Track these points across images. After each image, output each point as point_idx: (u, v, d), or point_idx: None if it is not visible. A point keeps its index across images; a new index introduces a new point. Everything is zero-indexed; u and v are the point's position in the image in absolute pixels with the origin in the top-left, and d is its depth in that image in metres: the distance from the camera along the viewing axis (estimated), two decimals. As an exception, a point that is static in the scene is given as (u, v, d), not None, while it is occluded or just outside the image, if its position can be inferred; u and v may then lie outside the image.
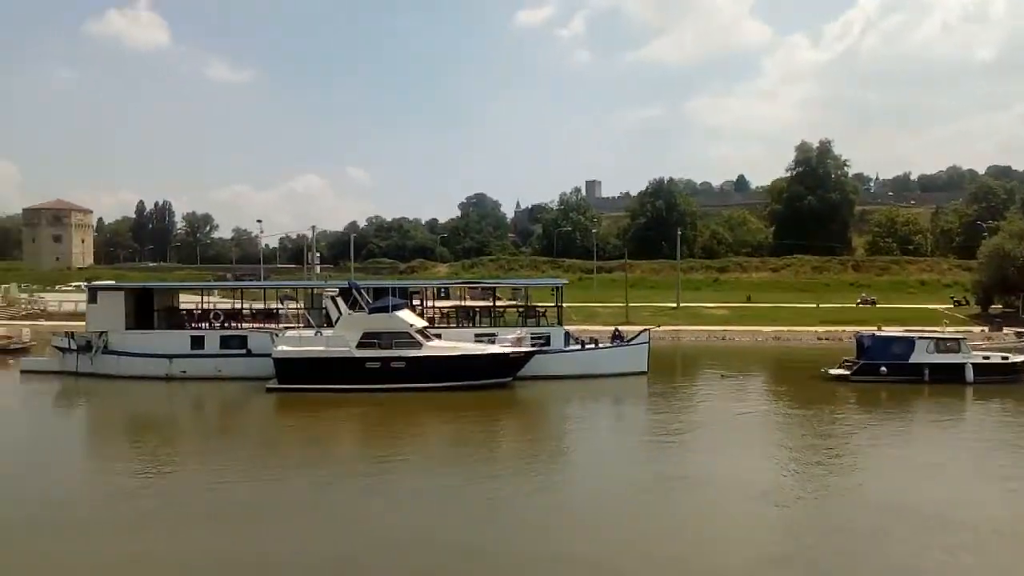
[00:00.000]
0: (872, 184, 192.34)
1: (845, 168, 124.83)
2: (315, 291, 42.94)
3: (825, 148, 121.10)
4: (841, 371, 38.64)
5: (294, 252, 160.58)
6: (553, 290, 45.05)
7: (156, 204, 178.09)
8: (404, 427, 30.59)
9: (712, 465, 23.80)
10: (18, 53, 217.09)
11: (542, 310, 42.81)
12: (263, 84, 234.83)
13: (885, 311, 67.73)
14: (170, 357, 39.18)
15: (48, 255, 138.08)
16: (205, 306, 44.44)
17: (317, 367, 35.44)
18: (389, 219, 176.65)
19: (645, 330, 41.80)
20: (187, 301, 48.14)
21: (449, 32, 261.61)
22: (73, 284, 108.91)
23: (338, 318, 36.98)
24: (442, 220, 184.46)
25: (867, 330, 44.82)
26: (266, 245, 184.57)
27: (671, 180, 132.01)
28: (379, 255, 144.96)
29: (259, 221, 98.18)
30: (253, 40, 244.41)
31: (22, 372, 42.23)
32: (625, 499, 20.64)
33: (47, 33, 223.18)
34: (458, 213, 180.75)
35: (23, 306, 74.82)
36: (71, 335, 41.67)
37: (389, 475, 23.23)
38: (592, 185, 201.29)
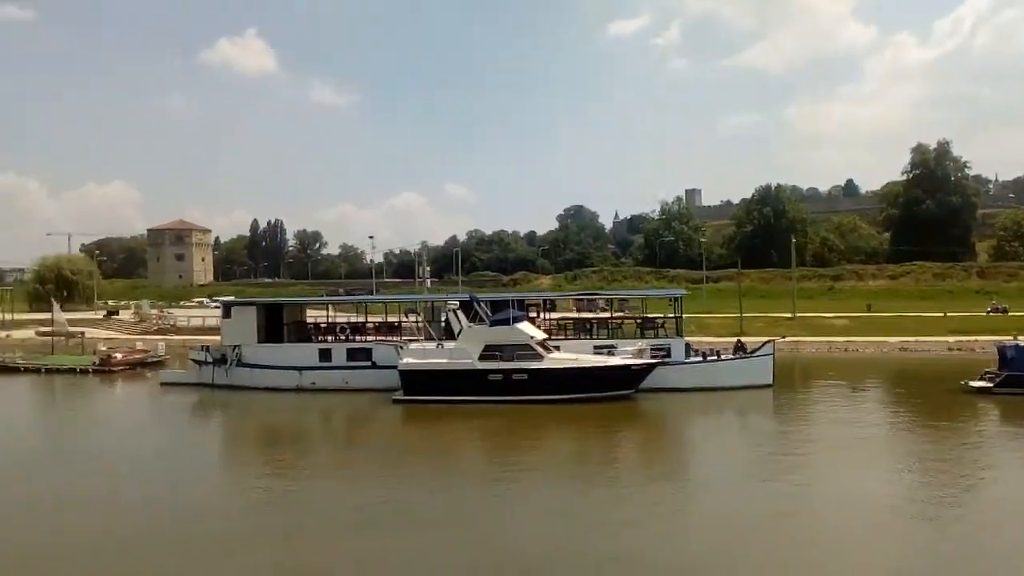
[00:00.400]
0: (991, 186, 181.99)
1: (965, 170, 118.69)
2: (436, 304, 43.86)
3: (943, 149, 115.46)
4: (983, 383, 36.60)
5: (398, 267, 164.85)
6: (671, 301, 44.52)
7: (269, 223, 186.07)
8: (528, 439, 30.68)
9: (850, 482, 22.89)
10: (138, 82, 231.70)
11: (660, 321, 42.36)
12: (364, 105, 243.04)
13: (1019, 319, 63.78)
14: (300, 369, 40.76)
15: (171, 273, 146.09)
16: (330, 320, 45.97)
17: (441, 379, 36.14)
18: (488, 233, 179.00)
19: (769, 341, 40.71)
20: (313, 315, 49.98)
21: (543, 45, 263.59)
22: (196, 300, 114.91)
23: (460, 331, 37.62)
24: (540, 232, 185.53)
25: (1006, 340, 42.36)
26: (371, 260, 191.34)
27: (779, 186, 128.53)
28: (481, 268, 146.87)
29: (371, 238, 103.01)
30: (354, 64, 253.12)
31: (161, 384, 44.73)
32: (755, 515, 20.08)
33: (164, 63, 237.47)
34: (556, 225, 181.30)
35: (154, 321, 79.13)
36: (207, 348, 43.87)
37: (518, 485, 23.45)
38: (692, 193, 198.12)
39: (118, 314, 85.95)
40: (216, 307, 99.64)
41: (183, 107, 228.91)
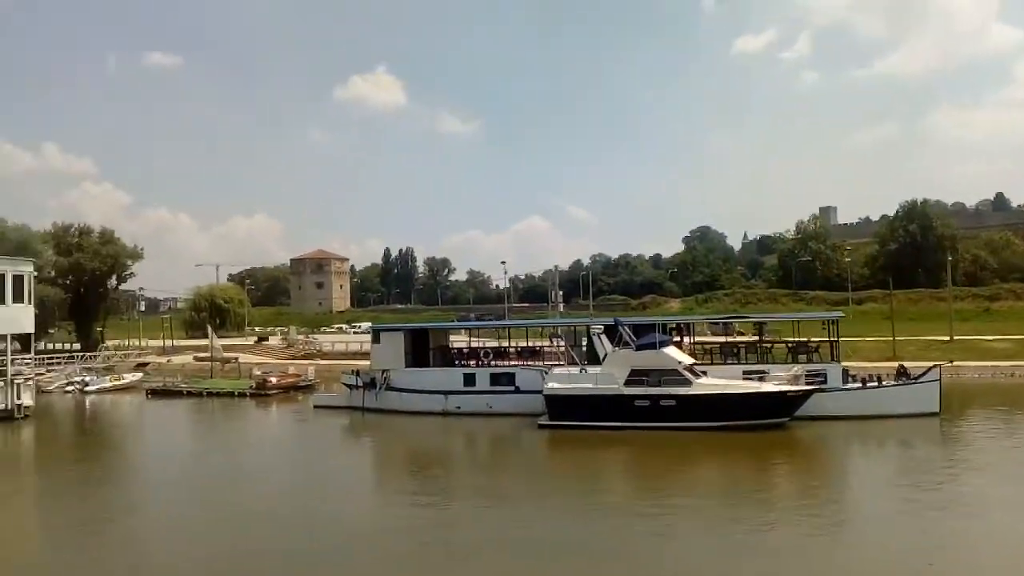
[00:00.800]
0: None
1: None
2: (577, 328, 43.86)
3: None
4: None
5: (525, 291, 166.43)
6: (824, 324, 42.71)
7: (400, 250, 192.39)
8: (677, 467, 30.01)
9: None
10: (279, 121, 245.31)
11: (814, 345, 40.62)
12: (489, 133, 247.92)
13: None
14: (445, 394, 41.59)
15: (312, 300, 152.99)
16: (471, 345, 46.77)
17: (586, 404, 35.96)
18: (610, 255, 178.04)
19: (935, 366, 38.24)
20: (455, 340, 50.94)
21: (666, 66, 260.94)
22: (335, 326, 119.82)
23: (605, 355, 37.38)
24: (666, 255, 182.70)
25: None
26: (499, 286, 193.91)
27: (925, 201, 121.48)
28: (607, 292, 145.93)
29: (503, 263, 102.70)
30: (478, 93, 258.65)
31: (315, 407, 46.72)
32: (921, 549, 18.89)
33: (302, 100, 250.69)
34: (682, 247, 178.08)
35: (301, 347, 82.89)
36: (357, 373, 45.51)
37: (669, 517, 22.70)
38: (827, 211, 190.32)
39: (267, 340, 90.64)
40: (355, 333, 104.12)
41: (320, 142, 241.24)
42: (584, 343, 41.74)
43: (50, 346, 79.97)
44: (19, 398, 43.95)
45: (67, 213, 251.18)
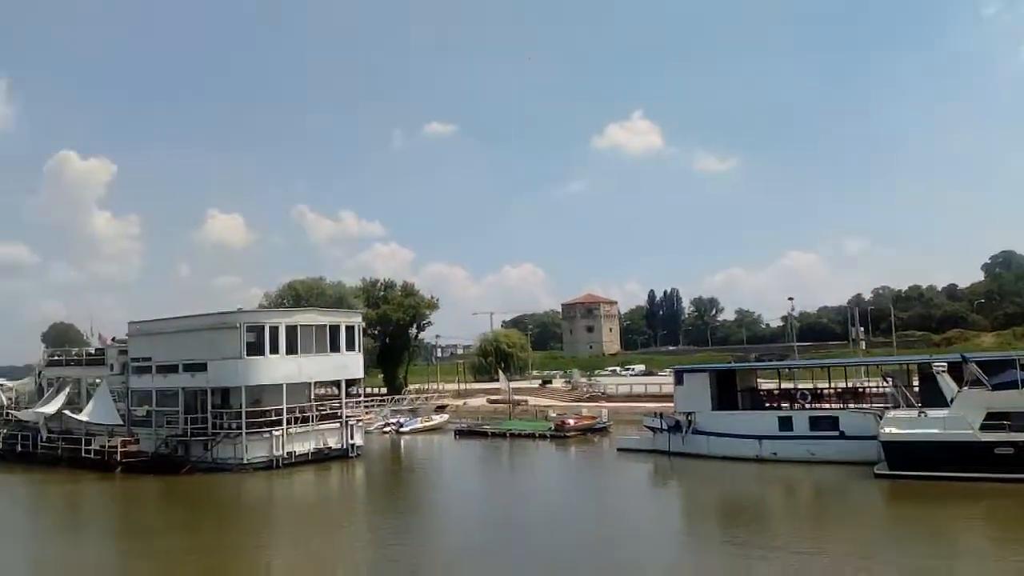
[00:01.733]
0: None
1: None
2: (909, 366, 39.78)
3: None
4: None
5: (802, 329, 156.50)
6: None
7: (665, 292, 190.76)
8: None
9: None
10: (543, 175, 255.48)
11: None
12: (746, 169, 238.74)
13: None
14: (759, 438, 39.39)
15: (583, 343, 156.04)
16: (784, 385, 44.17)
17: (936, 452, 31.90)
18: (895, 287, 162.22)
19: None
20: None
21: (938, 80, 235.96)
22: (608, 369, 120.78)
23: (953, 396, 33.28)
24: (961, 284, 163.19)
25: None
26: (767, 324, 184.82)
27: None
28: (900, 327, 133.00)
29: (790, 299, 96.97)
30: (733, 130, 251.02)
31: (618, 450, 46.50)
32: None
33: (562, 152, 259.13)
34: (981, 275, 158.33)
35: (585, 389, 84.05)
36: (661, 415, 44.70)
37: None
38: None
39: (551, 383, 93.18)
40: (631, 375, 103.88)
41: (580, 191, 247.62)
42: (915, 383, 37.65)
43: (360, 391, 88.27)
44: (352, 438, 48.24)
45: (362, 270, 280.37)
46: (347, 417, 48.53)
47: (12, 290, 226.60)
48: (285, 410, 44.45)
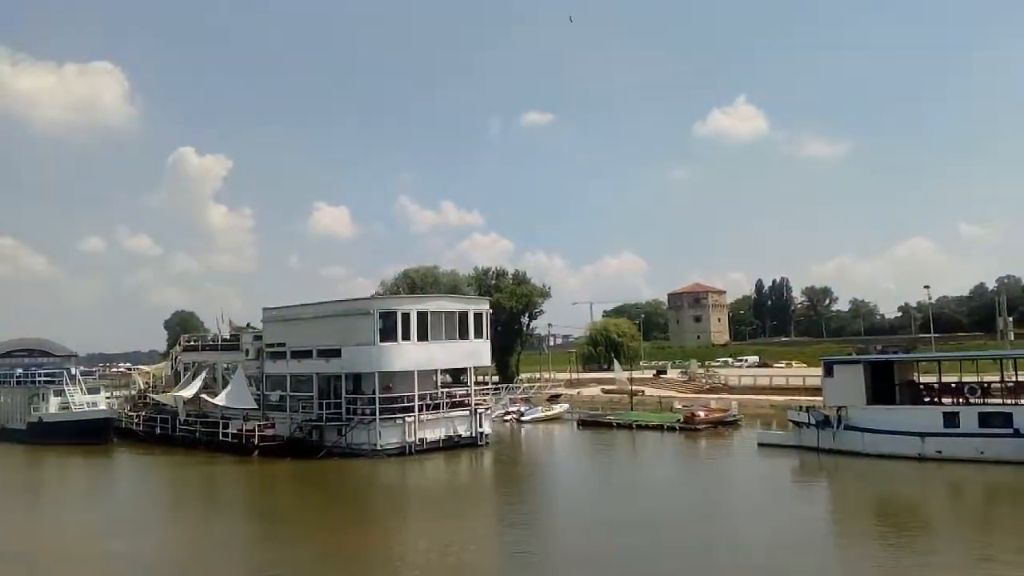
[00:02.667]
0: None
1: None
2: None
3: None
4: None
5: (924, 321, 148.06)
6: None
7: (774, 281, 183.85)
8: None
9: None
10: (641, 161, 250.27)
11: None
12: (858, 154, 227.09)
13: None
14: (922, 435, 36.65)
15: (690, 333, 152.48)
16: (946, 378, 40.99)
17: None
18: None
19: None
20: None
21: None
22: (720, 360, 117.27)
23: None
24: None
25: None
26: (882, 316, 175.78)
27: None
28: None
29: (926, 287, 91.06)
30: (844, 113, 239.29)
31: (759, 445, 44.28)
32: None
33: (663, 140, 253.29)
34: None
35: (703, 380, 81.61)
36: (808, 410, 42.32)
37: None
38: None
39: (665, 373, 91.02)
40: (740, 366, 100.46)
41: (682, 179, 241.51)
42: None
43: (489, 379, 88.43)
44: (481, 426, 47.83)
45: (461, 260, 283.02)
46: (475, 405, 48.15)
47: (136, 280, 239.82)
48: (416, 396, 44.37)
